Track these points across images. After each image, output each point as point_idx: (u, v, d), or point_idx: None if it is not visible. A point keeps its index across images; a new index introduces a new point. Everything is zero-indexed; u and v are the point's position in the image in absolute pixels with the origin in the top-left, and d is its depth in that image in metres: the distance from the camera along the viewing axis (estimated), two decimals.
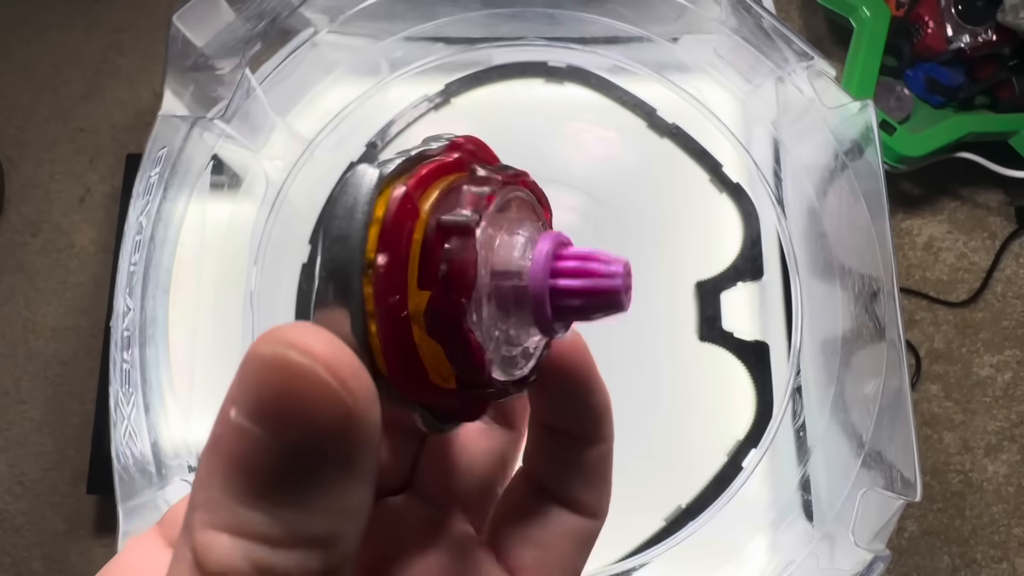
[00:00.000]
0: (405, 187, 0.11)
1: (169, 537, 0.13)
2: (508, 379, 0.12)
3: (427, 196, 0.11)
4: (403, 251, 0.11)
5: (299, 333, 0.08)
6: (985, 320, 0.53)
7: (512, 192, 0.13)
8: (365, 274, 0.11)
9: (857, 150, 0.36)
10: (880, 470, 0.32)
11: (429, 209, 0.11)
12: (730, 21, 0.38)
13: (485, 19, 0.41)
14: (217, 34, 0.35)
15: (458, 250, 0.11)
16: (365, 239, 0.10)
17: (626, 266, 0.12)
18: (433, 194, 0.11)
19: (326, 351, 0.08)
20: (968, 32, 0.51)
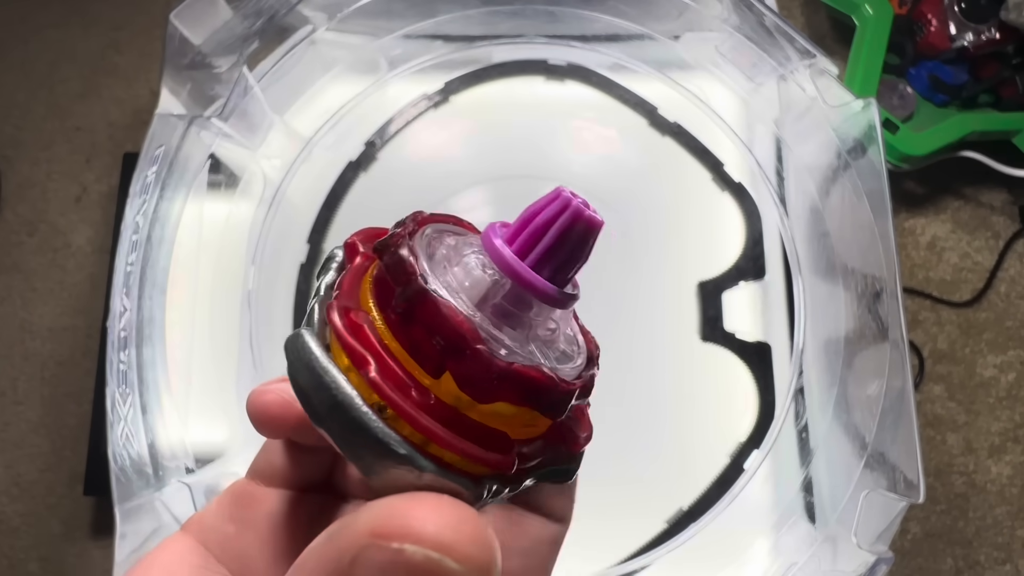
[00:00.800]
0: (336, 306, 0.10)
1: (199, 537, 0.13)
2: (577, 373, 0.11)
3: (364, 299, 0.11)
4: (390, 361, 0.10)
5: (419, 516, 0.08)
6: (989, 320, 0.53)
7: (424, 232, 0.12)
8: (386, 418, 0.10)
9: (860, 149, 0.36)
10: (883, 471, 0.32)
11: (374, 305, 0.11)
12: (732, 19, 0.38)
13: (485, 16, 0.40)
14: (215, 32, 0.35)
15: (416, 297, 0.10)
16: (353, 395, 0.10)
17: (559, 190, 0.11)
18: (367, 294, 0.11)
19: (446, 534, 0.08)
20: (971, 30, 0.51)
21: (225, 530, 0.13)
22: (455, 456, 0.10)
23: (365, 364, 0.10)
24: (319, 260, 0.39)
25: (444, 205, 0.39)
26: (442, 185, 0.40)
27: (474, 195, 0.40)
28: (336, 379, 0.10)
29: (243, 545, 0.13)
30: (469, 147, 0.41)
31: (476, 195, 0.40)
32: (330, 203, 0.39)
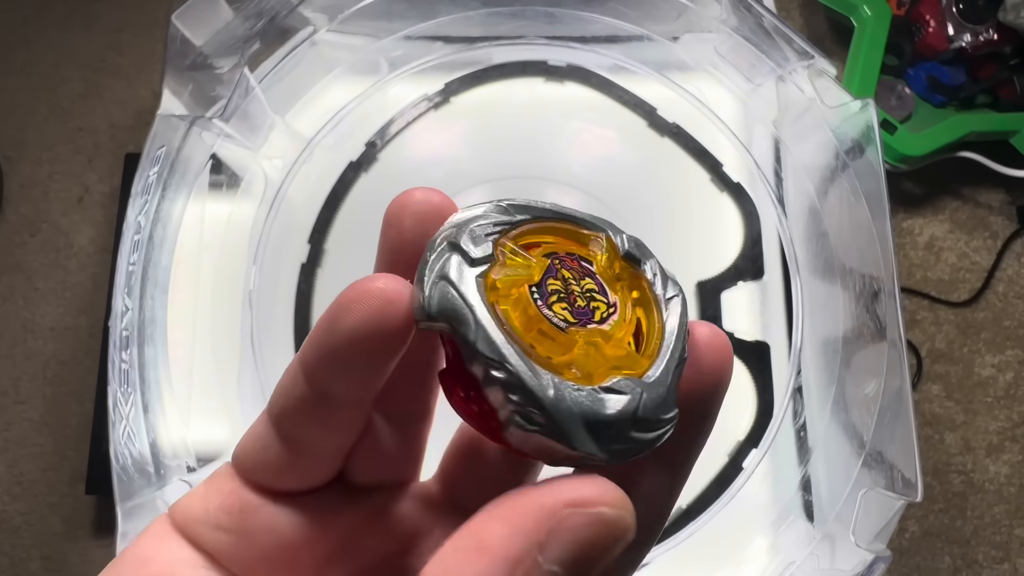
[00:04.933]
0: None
1: (185, 532, 0.12)
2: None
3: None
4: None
5: (598, 488, 0.10)
6: (987, 320, 0.53)
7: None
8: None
9: (858, 149, 0.36)
10: (881, 470, 0.32)
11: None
12: (731, 20, 0.38)
13: (485, 18, 0.41)
14: (216, 33, 0.35)
15: None
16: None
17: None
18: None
19: (620, 498, 0.10)
20: (969, 31, 0.51)
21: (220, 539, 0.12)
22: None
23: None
24: (319, 260, 0.39)
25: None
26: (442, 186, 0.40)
27: (474, 196, 0.40)
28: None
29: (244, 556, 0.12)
30: (469, 148, 0.42)
31: (476, 196, 0.40)
32: (331, 203, 0.40)
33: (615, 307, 0.11)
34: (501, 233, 0.11)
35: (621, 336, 0.11)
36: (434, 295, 0.10)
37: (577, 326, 0.11)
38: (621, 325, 0.11)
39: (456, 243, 0.11)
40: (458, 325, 0.10)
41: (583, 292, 0.11)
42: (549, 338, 0.10)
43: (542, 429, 0.10)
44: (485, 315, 0.10)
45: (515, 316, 0.10)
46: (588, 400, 0.10)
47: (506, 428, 0.10)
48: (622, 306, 0.12)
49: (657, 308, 0.12)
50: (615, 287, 0.12)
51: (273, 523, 0.12)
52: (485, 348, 0.10)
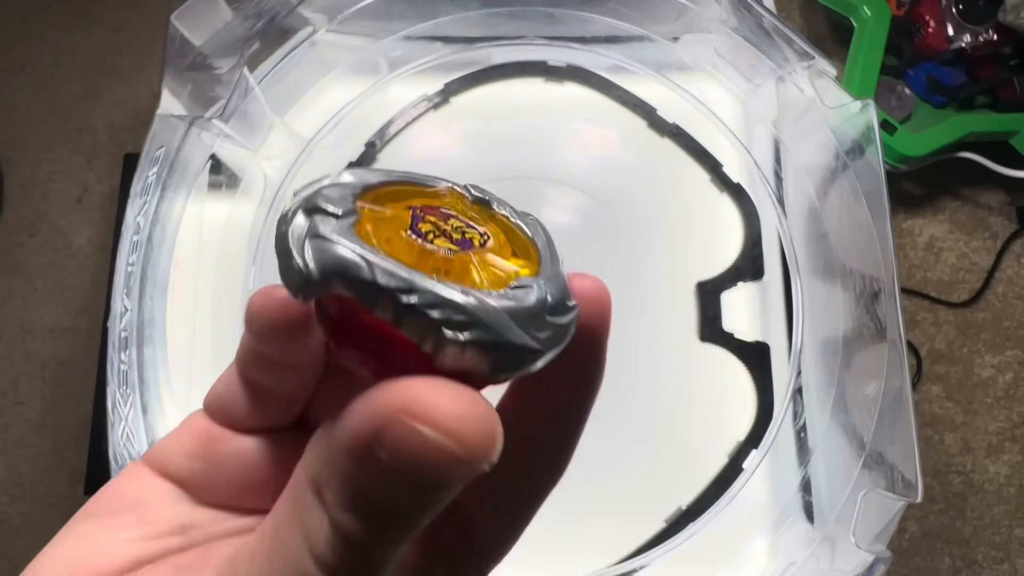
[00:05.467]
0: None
1: (159, 467, 0.14)
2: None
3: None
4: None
5: (455, 396, 0.10)
6: (986, 320, 0.53)
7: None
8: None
9: (858, 150, 0.36)
10: (881, 471, 0.32)
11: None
12: (730, 20, 0.38)
13: (485, 18, 0.41)
14: (215, 33, 0.35)
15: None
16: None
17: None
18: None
19: (460, 425, 0.09)
20: (969, 32, 0.51)
21: (191, 466, 0.13)
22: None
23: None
24: None
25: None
26: None
27: None
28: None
29: (213, 482, 0.14)
30: (469, 148, 0.42)
31: None
32: None
33: (488, 235, 0.12)
34: (353, 197, 0.11)
35: (504, 253, 0.12)
36: (311, 256, 0.10)
37: (462, 252, 0.11)
38: (499, 246, 0.12)
39: (314, 206, 0.10)
40: (351, 272, 0.10)
41: (454, 229, 0.12)
42: (444, 265, 0.11)
43: (476, 336, 0.10)
44: (375, 255, 0.10)
45: (404, 255, 0.10)
46: (506, 298, 0.10)
47: (439, 352, 0.10)
48: (493, 234, 0.12)
49: (521, 231, 0.13)
50: (479, 222, 0.12)
51: (240, 451, 0.14)
52: (388, 280, 0.09)
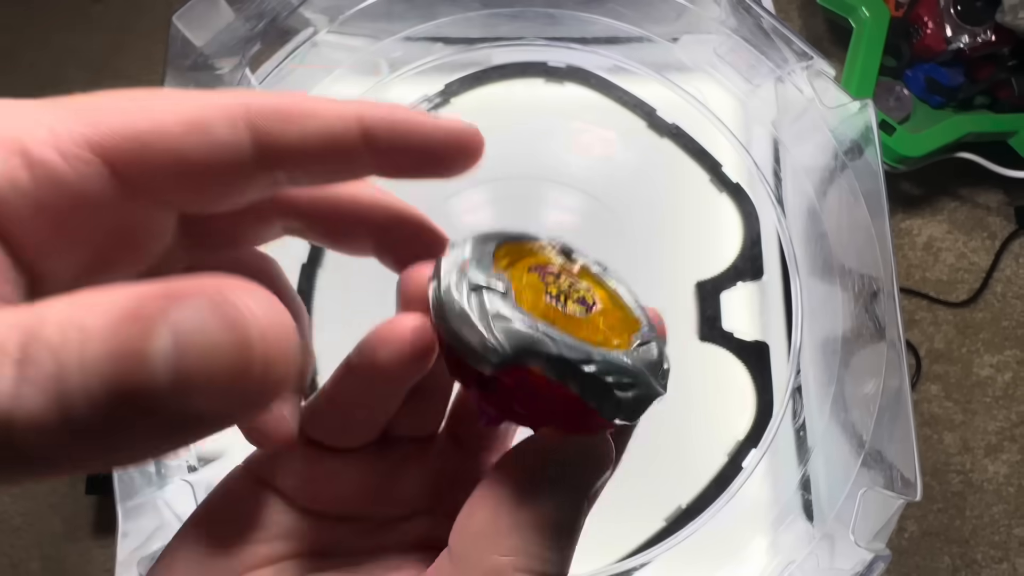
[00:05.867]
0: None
1: (260, 477, 0.14)
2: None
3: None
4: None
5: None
6: (985, 320, 0.53)
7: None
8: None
9: (857, 150, 0.36)
10: (880, 470, 0.32)
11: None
12: (730, 21, 0.38)
13: (485, 19, 0.41)
14: (217, 34, 0.35)
15: None
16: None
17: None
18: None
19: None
20: (967, 32, 0.52)
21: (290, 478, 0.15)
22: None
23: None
24: (319, 260, 0.39)
25: (445, 205, 0.39)
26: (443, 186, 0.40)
27: (474, 196, 0.40)
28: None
29: (310, 491, 0.14)
30: None
31: (476, 196, 0.40)
32: None
33: (590, 289, 0.14)
34: (491, 266, 0.13)
35: (610, 308, 0.14)
36: (502, 336, 0.11)
37: (589, 315, 0.13)
38: (604, 301, 0.14)
39: (477, 285, 0.12)
40: (541, 348, 0.11)
41: (568, 289, 0.13)
42: (588, 331, 0.13)
43: (637, 393, 0.12)
44: (550, 329, 0.11)
45: (558, 323, 0.12)
46: (643, 354, 0.12)
47: (609, 408, 0.12)
48: (592, 287, 0.14)
49: (605, 281, 0.15)
50: (578, 277, 0.14)
51: (333, 466, 0.14)
52: (571, 353, 0.11)
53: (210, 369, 0.07)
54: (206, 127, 0.10)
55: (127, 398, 0.07)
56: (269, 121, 0.11)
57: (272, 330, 0.08)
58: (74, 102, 0.10)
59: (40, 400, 0.07)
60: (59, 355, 0.07)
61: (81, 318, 0.07)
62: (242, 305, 0.08)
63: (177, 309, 0.07)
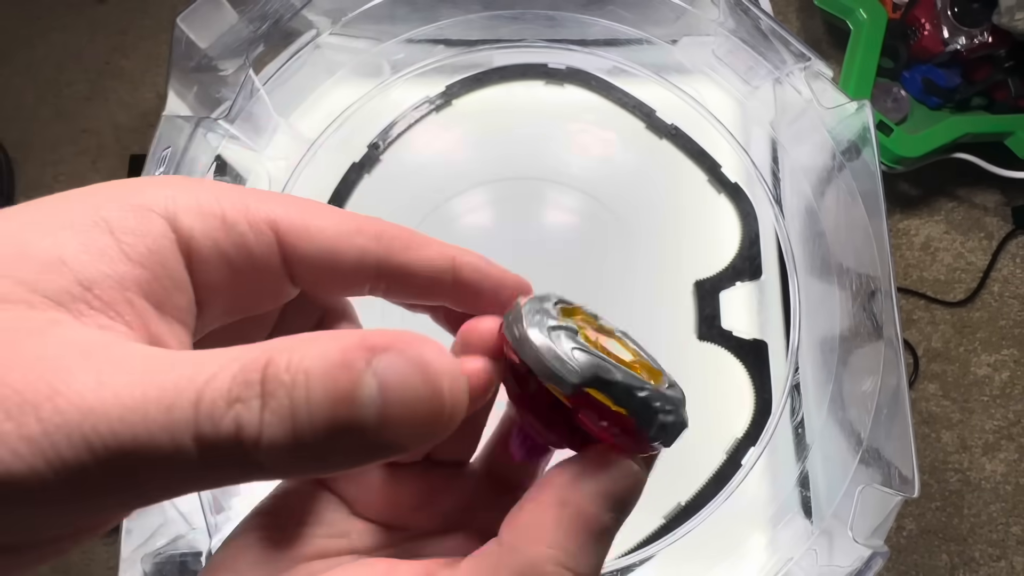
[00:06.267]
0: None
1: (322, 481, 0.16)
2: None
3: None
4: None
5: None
6: (982, 320, 0.54)
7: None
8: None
9: (854, 150, 0.36)
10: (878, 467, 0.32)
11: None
12: (728, 23, 0.38)
13: (486, 21, 0.41)
14: (220, 36, 0.36)
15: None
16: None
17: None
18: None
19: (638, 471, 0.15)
20: (964, 34, 0.52)
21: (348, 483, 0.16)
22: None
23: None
24: None
25: (446, 206, 0.40)
26: (444, 187, 0.40)
27: (475, 197, 0.40)
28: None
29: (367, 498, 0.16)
30: (470, 149, 0.42)
31: (477, 197, 0.40)
32: (334, 204, 0.40)
33: (618, 346, 0.16)
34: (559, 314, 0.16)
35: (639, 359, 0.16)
36: (579, 362, 0.14)
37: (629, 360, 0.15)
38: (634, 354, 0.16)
39: (557, 325, 0.14)
40: (607, 375, 0.14)
41: (609, 340, 0.16)
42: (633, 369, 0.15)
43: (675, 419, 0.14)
44: (610, 362, 0.14)
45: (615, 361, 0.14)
46: (675, 392, 0.15)
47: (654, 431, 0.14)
48: (619, 345, 0.16)
49: (627, 342, 0.17)
50: (608, 335, 0.16)
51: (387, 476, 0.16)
52: (629, 380, 0.14)
53: (411, 412, 0.10)
54: (354, 237, 0.14)
55: (341, 430, 0.09)
56: (392, 243, 0.14)
57: (454, 380, 0.10)
58: (265, 194, 0.13)
59: (278, 427, 0.09)
60: (292, 394, 0.09)
61: (304, 364, 0.09)
62: (433, 359, 0.10)
63: (378, 360, 0.09)
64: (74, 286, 0.10)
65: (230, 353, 0.10)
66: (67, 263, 0.10)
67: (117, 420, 0.09)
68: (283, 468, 0.09)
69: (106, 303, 0.11)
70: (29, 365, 0.09)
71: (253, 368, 0.09)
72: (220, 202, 0.12)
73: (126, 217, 0.11)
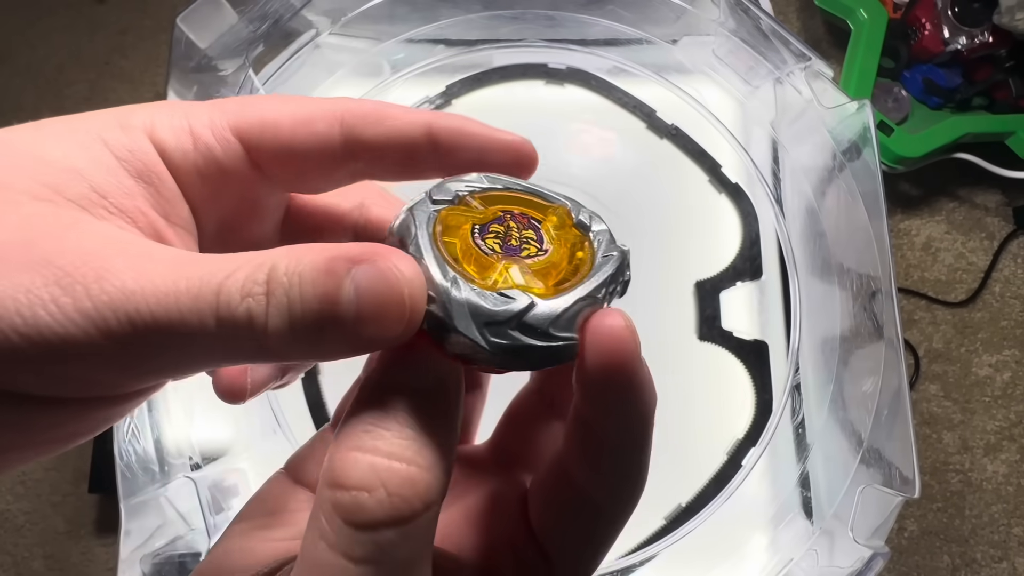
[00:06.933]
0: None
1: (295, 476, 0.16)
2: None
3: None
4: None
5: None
6: (983, 320, 0.53)
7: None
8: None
9: (855, 150, 0.36)
10: (879, 467, 0.32)
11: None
12: (728, 23, 0.38)
13: (486, 21, 0.41)
14: (220, 36, 0.36)
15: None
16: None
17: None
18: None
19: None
20: (965, 34, 0.52)
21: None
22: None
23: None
24: None
25: None
26: None
27: None
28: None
29: None
30: None
31: None
32: None
33: (545, 252, 0.14)
34: (472, 193, 0.14)
35: (541, 271, 0.13)
36: (397, 219, 0.13)
37: (502, 255, 0.13)
38: (546, 266, 0.13)
39: (429, 192, 0.14)
40: (406, 238, 0.13)
41: (520, 237, 0.14)
42: (473, 259, 0.13)
43: (440, 317, 0.12)
44: (424, 234, 0.13)
45: (450, 242, 0.13)
46: (478, 296, 0.12)
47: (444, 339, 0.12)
48: (556, 255, 0.14)
49: (592, 266, 0.14)
50: (556, 242, 0.14)
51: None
52: (415, 251, 0.12)
53: (380, 311, 0.11)
54: (311, 124, 0.14)
55: (327, 323, 0.11)
56: (357, 122, 0.14)
57: (413, 287, 0.12)
58: (226, 102, 0.14)
59: (278, 318, 0.11)
60: (288, 292, 0.11)
61: (299, 268, 0.11)
62: (398, 270, 0.11)
63: (356, 269, 0.11)
64: (91, 193, 0.12)
65: (244, 256, 0.12)
66: (81, 173, 0.12)
67: (155, 303, 0.11)
68: (284, 351, 0.11)
69: (121, 210, 0.13)
70: (74, 251, 0.11)
71: (261, 269, 0.11)
72: (188, 118, 0.14)
73: (120, 137, 0.13)
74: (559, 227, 0.14)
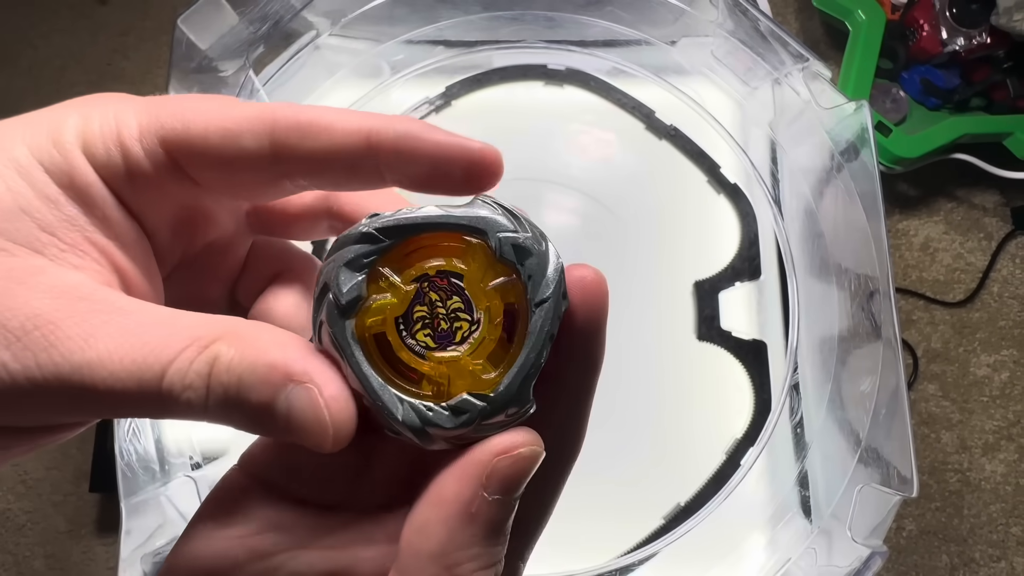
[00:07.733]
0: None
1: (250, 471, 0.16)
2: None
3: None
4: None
5: (515, 438, 0.13)
6: (982, 320, 0.54)
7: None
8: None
9: (853, 151, 0.36)
10: (877, 467, 0.32)
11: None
12: (727, 24, 0.38)
13: (485, 22, 0.41)
14: (221, 37, 0.36)
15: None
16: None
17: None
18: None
19: (532, 438, 0.14)
20: (962, 35, 0.52)
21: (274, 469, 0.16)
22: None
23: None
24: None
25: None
26: None
27: None
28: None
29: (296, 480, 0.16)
30: None
31: None
32: None
33: (478, 323, 0.13)
34: (378, 230, 0.13)
35: (478, 352, 0.13)
36: (323, 336, 0.13)
37: (437, 350, 0.13)
38: (482, 342, 0.13)
39: (334, 258, 0.13)
40: (337, 353, 0.13)
41: (448, 313, 0.13)
42: (405, 365, 0.13)
43: (404, 435, 0.13)
44: (357, 351, 0.13)
45: (376, 353, 0.13)
46: (433, 415, 0.13)
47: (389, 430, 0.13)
48: (486, 320, 0.13)
49: (526, 313, 0.13)
50: (485, 299, 0.13)
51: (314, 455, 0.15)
52: (355, 369, 0.13)
53: (305, 433, 0.13)
54: (236, 137, 0.13)
55: (260, 421, 0.13)
56: (289, 135, 0.13)
57: (340, 422, 0.13)
58: (160, 104, 0.14)
59: (216, 409, 0.12)
60: (227, 392, 0.12)
61: (239, 369, 0.12)
62: (327, 398, 0.13)
63: (291, 389, 0.12)
64: (40, 233, 0.12)
65: (188, 332, 0.12)
66: (25, 211, 0.12)
67: (100, 380, 0.12)
68: (220, 423, 0.13)
69: (70, 244, 0.13)
70: (24, 314, 0.12)
71: (204, 359, 0.12)
72: (118, 124, 0.13)
73: (55, 157, 0.13)
74: (484, 272, 0.13)
